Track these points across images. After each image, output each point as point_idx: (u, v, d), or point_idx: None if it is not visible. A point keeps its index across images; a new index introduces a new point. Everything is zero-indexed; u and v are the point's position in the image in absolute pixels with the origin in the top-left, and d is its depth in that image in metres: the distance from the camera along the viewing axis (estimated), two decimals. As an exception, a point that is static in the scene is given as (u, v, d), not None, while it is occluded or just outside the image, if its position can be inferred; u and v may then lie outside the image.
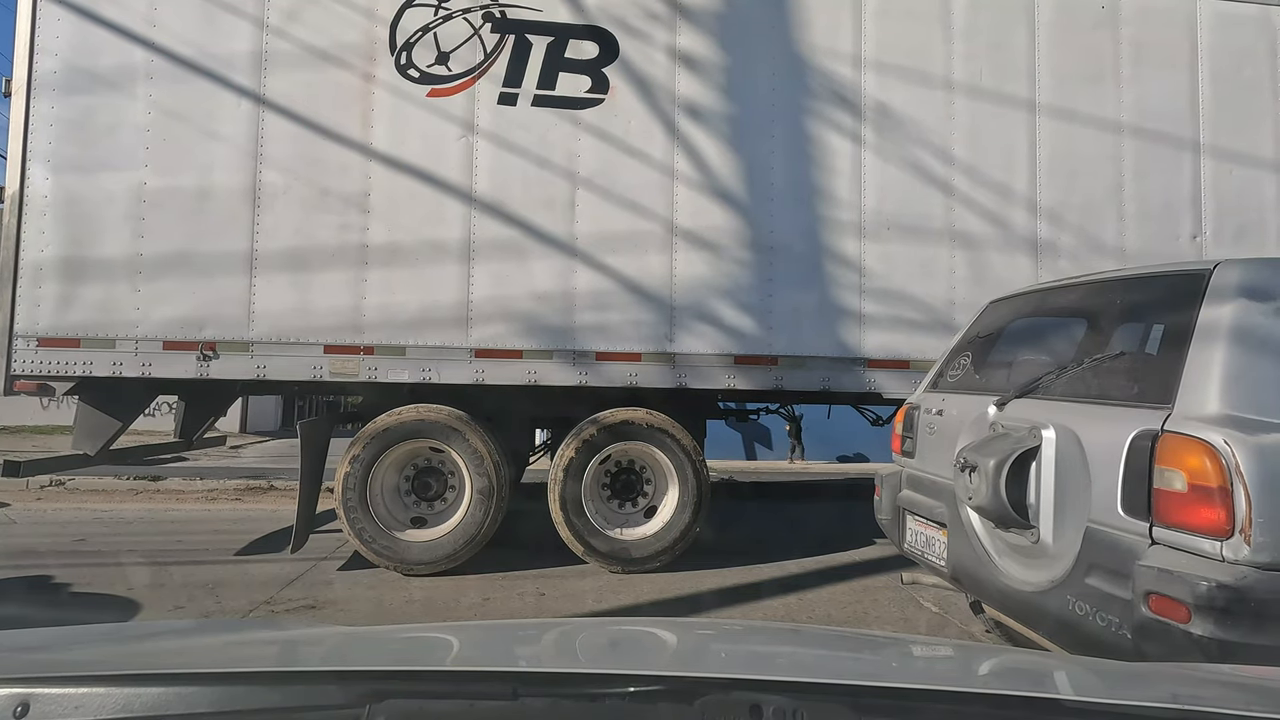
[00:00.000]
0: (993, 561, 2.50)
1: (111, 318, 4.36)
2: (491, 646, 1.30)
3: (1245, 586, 1.69)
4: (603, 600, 4.14)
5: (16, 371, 4.31)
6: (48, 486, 7.86)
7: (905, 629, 3.80)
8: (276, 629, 1.70)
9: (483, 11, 4.72)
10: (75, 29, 4.38)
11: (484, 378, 4.63)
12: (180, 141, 4.44)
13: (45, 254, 4.31)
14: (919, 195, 5.05)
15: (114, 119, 4.38)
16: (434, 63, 4.68)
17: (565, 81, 4.79)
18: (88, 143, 4.36)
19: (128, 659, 1.06)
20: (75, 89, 4.35)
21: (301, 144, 4.54)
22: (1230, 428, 1.81)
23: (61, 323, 4.32)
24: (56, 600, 3.98)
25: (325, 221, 4.55)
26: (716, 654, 1.33)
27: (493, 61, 4.73)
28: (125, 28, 4.44)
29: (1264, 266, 2.17)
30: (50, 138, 4.32)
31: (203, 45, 4.49)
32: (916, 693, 0.93)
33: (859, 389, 4.96)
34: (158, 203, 4.40)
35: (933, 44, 5.11)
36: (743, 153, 4.92)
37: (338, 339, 4.52)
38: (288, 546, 4.44)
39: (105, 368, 4.34)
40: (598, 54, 4.82)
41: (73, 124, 4.35)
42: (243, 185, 4.47)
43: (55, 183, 4.34)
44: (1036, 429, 2.33)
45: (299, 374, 4.54)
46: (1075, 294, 2.92)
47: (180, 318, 4.41)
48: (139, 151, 4.39)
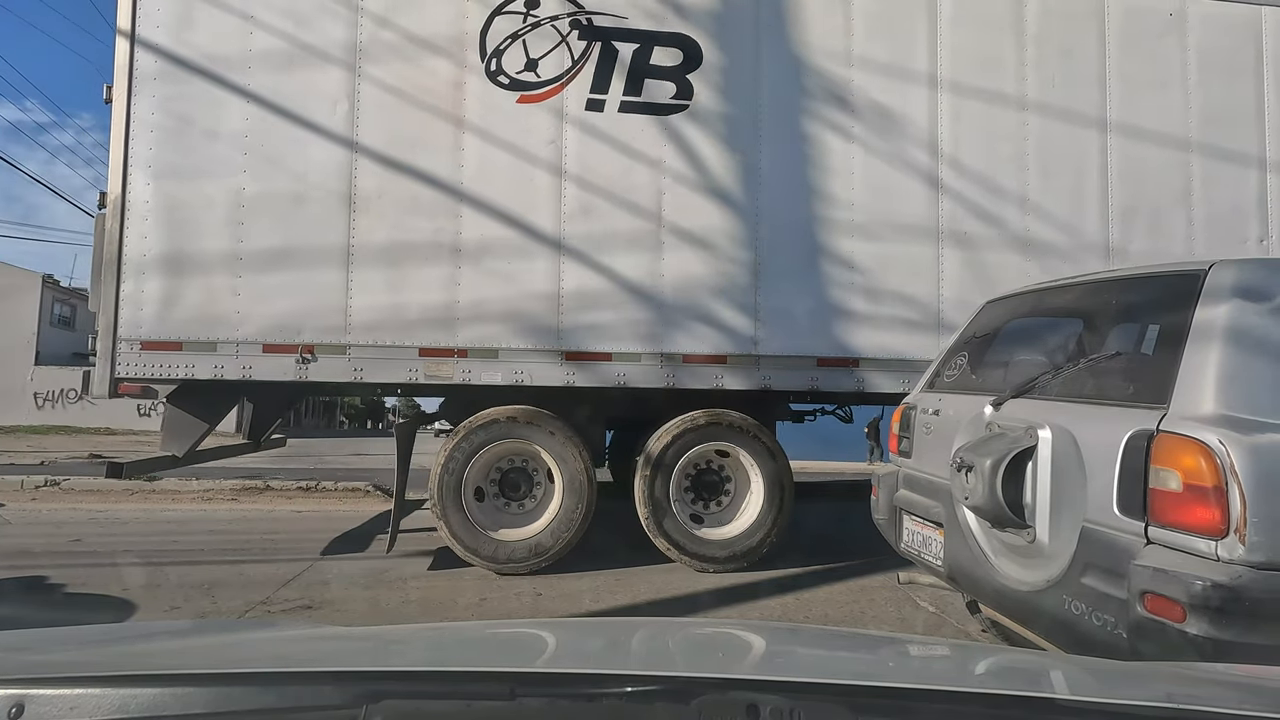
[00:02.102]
0: (989, 561, 2.51)
1: (212, 321, 4.43)
2: (488, 646, 1.30)
3: (1240, 586, 1.70)
4: (599, 600, 4.14)
5: (121, 375, 4.38)
6: (42, 487, 7.83)
7: (902, 628, 3.81)
8: (273, 629, 1.70)
9: (570, 19, 4.79)
10: (173, 37, 4.44)
11: (574, 380, 4.71)
12: (277, 147, 4.52)
13: (147, 259, 4.37)
14: (994, 199, 5.16)
15: (212, 125, 4.45)
16: (523, 69, 4.75)
17: (651, 88, 4.86)
18: (186, 148, 4.43)
19: (123, 660, 1.06)
20: (174, 95, 4.42)
21: (395, 149, 4.61)
22: (1225, 428, 1.81)
23: (164, 327, 4.39)
24: (51, 601, 3.97)
25: (419, 226, 4.62)
26: (713, 654, 1.33)
27: (580, 68, 4.80)
28: (222, 38, 4.49)
29: (1259, 267, 2.18)
30: (150, 143, 4.39)
31: (297, 53, 4.56)
32: (913, 692, 0.93)
33: None
34: (256, 207, 4.48)
35: (1005, 51, 5.22)
36: (823, 158, 5.02)
37: (432, 342, 4.60)
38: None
39: (207, 371, 4.42)
40: (682, 60, 4.89)
41: (171, 130, 4.41)
42: (338, 190, 4.55)
43: (156, 189, 4.40)
44: (1033, 429, 2.33)
45: (395, 376, 4.61)
46: (1071, 294, 2.93)
47: (279, 321, 4.47)
48: (237, 157, 4.46)
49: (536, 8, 4.75)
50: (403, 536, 5.83)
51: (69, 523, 6.17)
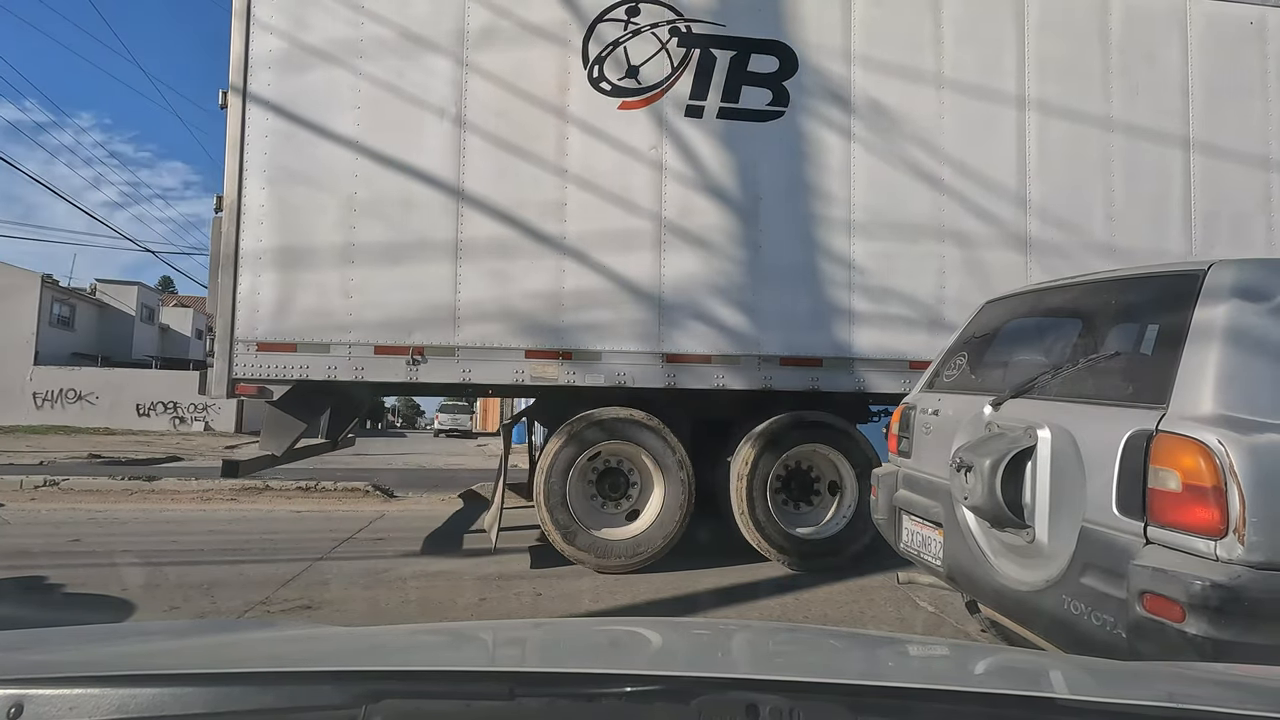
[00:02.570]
0: (988, 561, 2.51)
1: (326, 323, 4.52)
2: (488, 646, 1.30)
3: (1239, 586, 1.70)
4: (599, 600, 4.14)
5: (238, 375, 4.47)
6: (41, 487, 7.82)
7: (901, 628, 3.81)
8: (272, 629, 1.70)
9: (669, 26, 4.87)
10: (285, 47, 4.54)
11: (675, 382, 4.78)
12: (387, 154, 4.59)
13: (262, 262, 4.47)
14: (1081, 201, 5.24)
15: (323, 130, 4.55)
16: (624, 76, 4.84)
17: (748, 95, 4.94)
18: (299, 153, 4.52)
19: (122, 660, 1.06)
20: (287, 100, 4.52)
21: (500, 155, 4.69)
22: (1224, 428, 1.81)
23: (279, 328, 4.48)
24: (50, 601, 3.96)
25: (525, 230, 4.70)
26: (713, 654, 1.33)
27: (679, 75, 4.88)
28: (331, 51, 4.59)
29: (1258, 267, 2.18)
30: (264, 148, 4.48)
31: (406, 62, 4.64)
32: (913, 692, 0.93)
33: None
34: (367, 212, 4.57)
35: (1090, 58, 5.31)
36: (915, 164, 5.10)
37: (537, 344, 4.68)
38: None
39: (321, 372, 4.51)
40: (777, 68, 4.97)
41: (284, 134, 4.50)
42: (446, 197, 4.63)
43: (270, 193, 4.49)
44: (1032, 429, 2.33)
45: (502, 378, 4.69)
46: (1070, 294, 2.93)
47: (390, 323, 4.56)
48: (348, 163, 4.55)
49: (637, 15, 4.84)
50: (398, 537, 5.84)
51: (68, 523, 6.16)
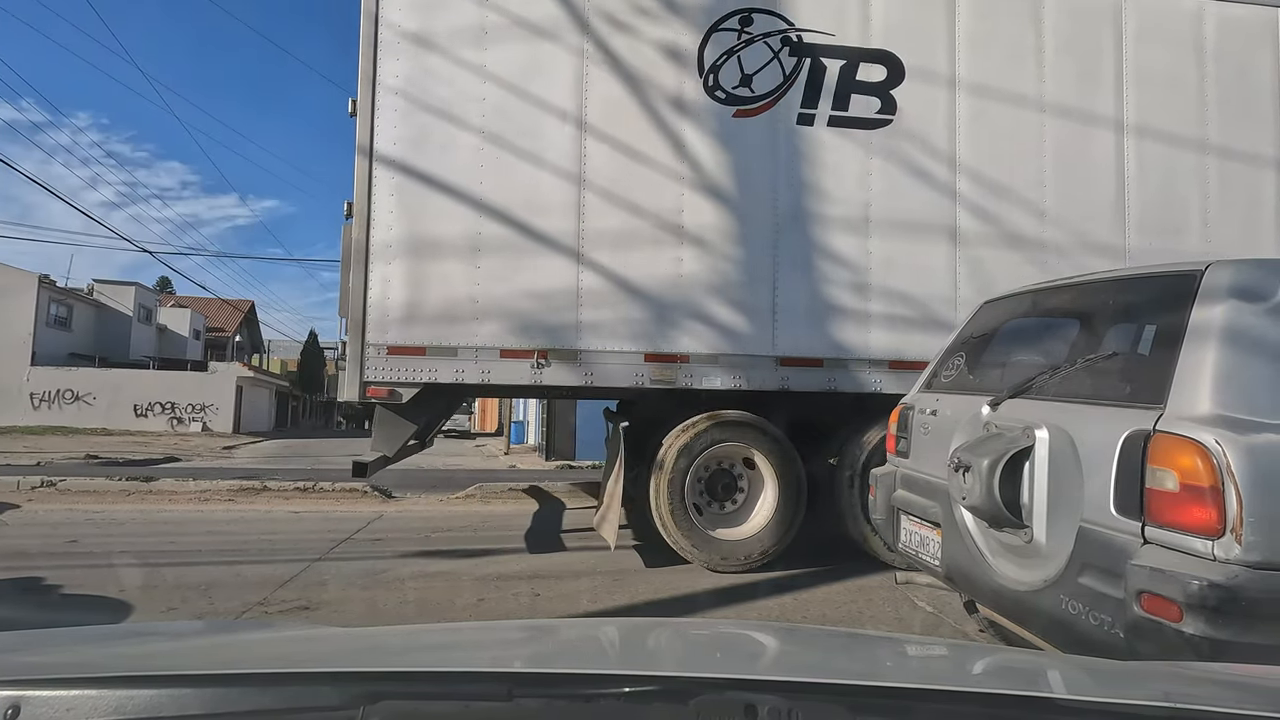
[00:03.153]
0: (986, 561, 2.51)
1: (453, 328, 4.63)
2: (486, 647, 1.30)
3: (1237, 585, 1.70)
4: (597, 600, 4.14)
5: (369, 379, 4.57)
6: (39, 488, 7.80)
7: (900, 628, 3.81)
8: (270, 630, 1.69)
9: (781, 36, 4.99)
10: (413, 57, 4.62)
11: (789, 384, 4.87)
12: (510, 165, 4.71)
13: (392, 267, 4.58)
14: (1176, 202, 5.36)
15: (448, 141, 4.65)
16: (738, 85, 4.95)
17: (857, 103, 5.06)
18: (427, 162, 4.64)
19: (120, 661, 1.05)
20: (414, 110, 4.63)
21: (620, 161, 4.80)
22: (1222, 428, 1.82)
23: (408, 332, 4.60)
24: (48, 602, 3.95)
25: (643, 237, 4.81)
26: (711, 654, 1.33)
27: (791, 84, 5.00)
28: (460, 62, 4.69)
29: (1255, 267, 2.18)
30: (392, 156, 4.58)
31: (529, 68, 4.76)
32: (911, 692, 0.93)
33: None
34: (493, 219, 4.68)
35: (1185, 68, 5.42)
36: (1012, 169, 5.21)
37: (656, 347, 4.79)
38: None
39: (449, 374, 4.64)
40: (885, 77, 5.10)
41: (412, 143, 4.62)
42: (566, 203, 4.75)
43: (399, 200, 4.62)
44: (1030, 429, 2.34)
45: (622, 380, 4.79)
46: (1068, 294, 2.94)
47: (515, 328, 4.67)
48: (474, 170, 4.66)
49: (750, 25, 4.96)
50: (397, 537, 5.83)
51: (66, 524, 6.15)
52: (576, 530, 6.39)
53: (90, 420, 24.15)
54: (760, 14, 4.97)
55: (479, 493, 8.38)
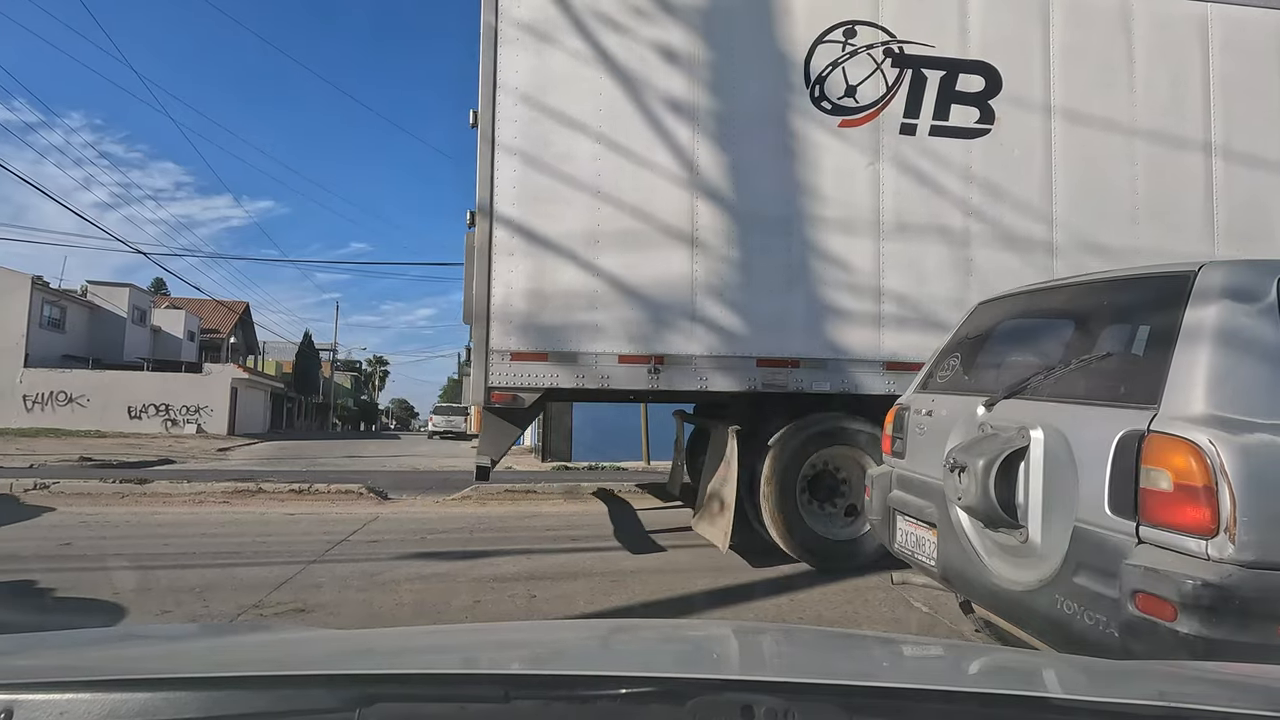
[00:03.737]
0: (982, 561, 2.52)
1: (573, 335, 4.75)
2: (482, 649, 1.30)
3: (1230, 585, 1.71)
4: (594, 602, 4.14)
5: (493, 384, 4.69)
6: (32, 490, 7.76)
7: (896, 629, 3.81)
8: (265, 632, 1.69)
9: (883, 47, 5.13)
10: (533, 68, 4.79)
11: (893, 388, 4.92)
12: (626, 174, 4.87)
13: (514, 274, 4.73)
14: (1260, 211, 5.49)
15: (566, 151, 4.81)
16: (843, 95, 5.09)
17: (956, 113, 5.20)
18: (545, 173, 4.79)
19: (114, 664, 1.05)
20: (533, 120, 4.78)
21: (727, 172, 4.93)
22: (1215, 428, 1.82)
23: (530, 339, 4.75)
24: (41, 605, 3.93)
25: (750, 244, 4.93)
26: (708, 655, 1.33)
27: (893, 94, 5.14)
28: (574, 71, 4.86)
29: (1248, 268, 2.19)
30: (513, 166, 4.75)
31: (642, 81, 4.91)
32: (907, 692, 0.93)
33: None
34: (609, 231, 4.83)
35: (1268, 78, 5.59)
36: (1105, 180, 5.34)
37: (768, 352, 4.89)
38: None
39: (570, 380, 4.79)
40: (984, 87, 5.24)
41: (531, 156, 4.77)
42: (680, 209, 4.89)
43: (520, 209, 4.75)
44: (1025, 429, 2.34)
45: (735, 385, 4.89)
46: (1063, 295, 2.95)
47: (632, 334, 4.79)
48: (590, 184, 4.83)
49: (854, 37, 5.09)
50: (393, 539, 5.82)
51: (59, 526, 6.12)
52: (553, 530, 6.38)
53: (84, 422, 24.04)
54: (863, 26, 5.13)
55: (475, 494, 8.37)
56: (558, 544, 5.72)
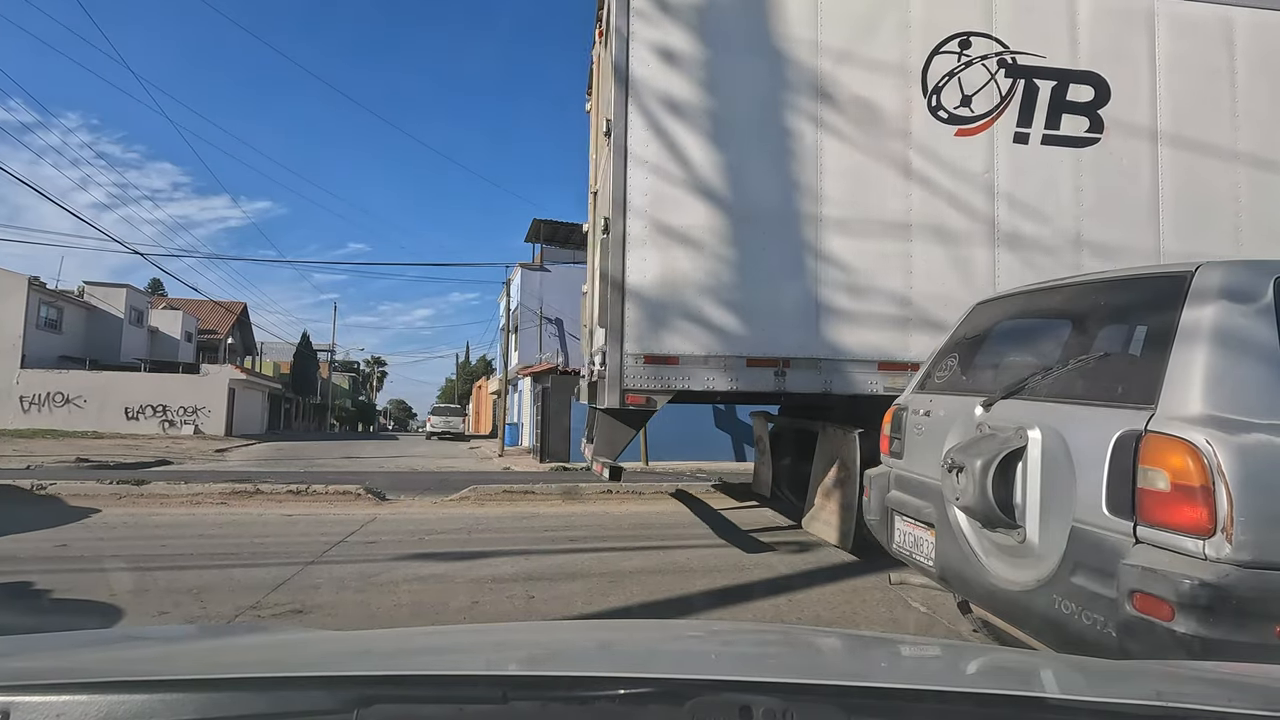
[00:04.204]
0: (980, 561, 2.52)
1: (703, 339, 4.92)
2: (480, 650, 1.30)
3: (1227, 584, 1.71)
4: (592, 602, 4.13)
5: (627, 386, 4.85)
6: (29, 492, 7.73)
7: (894, 629, 3.81)
8: (263, 634, 1.68)
9: (997, 58, 5.32)
10: (662, 88, 5.01)
11: None
12: (743, 176, 5.03)
13: (647, 279, 4.94)
14: None
15: (692, 158, 4.97)
16: (959, 105, 5.29)
17: (1067, 122, 5.37)
18: (675, 183, 4.98)
19: (110, 665, 1.05)
20: (662, 129, 4.98)
21: (850, 179, 5.12)
22: (1212, 428, 1.83)
23: (663, 343, 4.93)
24: (37, 607, 3.92)
25: (869, 250, 5.09)
26: (706, 655, 1.33)
27: (1007, 104, 5.33)
28: (703, 84, 5.06)
29: (1244, 269, 2.20)
30: (645, 174, 4.98)
31: (767, 95, 5.12)
32: (905, 692, 0.94)
33: None
34: (739, 236, 5.00)
35: None
36: (1210, 190, 5.48)
37: (888, 356, 5.05)
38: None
39: (700, 382, 4.98)
40: (1093, 97, 5.41)
41: (659, 166, 4.98)
42: (806, 216, 5.09)
43: (650, 220, 4.91)
44: (1022, 429, 2.35)
45: (856, 388, 5.04)
46: (1060, 296, 2.95)
47: (759, 338, 4.94)
48: (722, 189, 5.00)
49: (969, 48, 5.28)
50: (390, 540, 5.81)
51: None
52: (561, 532, 6.39)
53: (81, 423, 23.98)
54: (978, 37, 5.31)
55: (473, 495, 8.36)
56: (556, 545, 5.71)
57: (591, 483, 9.50)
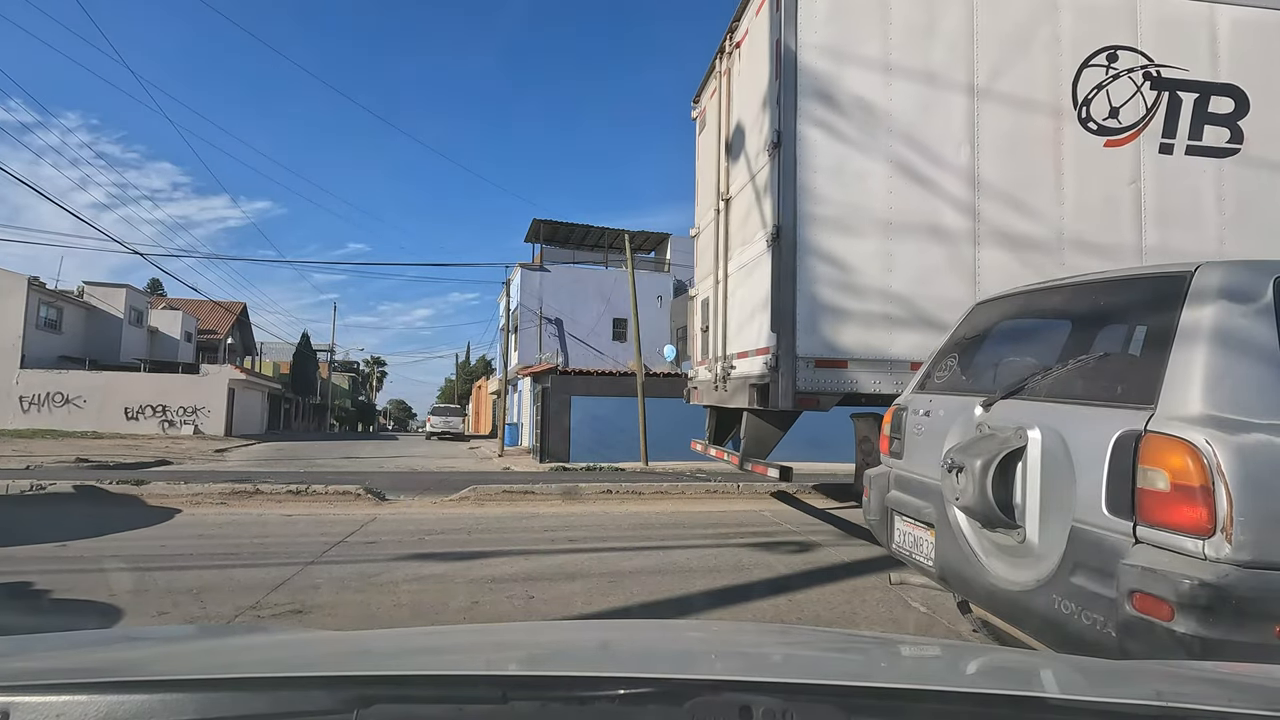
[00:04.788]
0: (980, 561, 2.52)
1: (870, 343, 5.23)
2: (480, 650, 1.30)
3: (1227, 584, 1.71)
4: (592, 603, 4.13)
5: (800, 389, 5.16)
6: (28, 492, 7.73)
7: (893, 629, 3.81)
8: (263, 634, 1.68)
9: (1142, 71, 5.52)
10: (828, 104, 5.21)
11: None
12: (911, 195, 5.30)
13: (817, 285, 5.17)
14: None
15: (861, 172, 5.26)
16: (1107, 116, 5.48)
17: (1209, 133, 5.56)
18: (842, 193, 5.23)
19: (110, 666, 1.05)
20: (830, 145, 5.24)
21: (1004, 191, 5.32)
22: (1212, 428, 1.83)
23: (833, 347, 5.19)
24: (37, 607, 3.92)
25: (1024, 260, 5.26)
26: (706, 655, 1.33)
27: (1152, 115, 5.52)
28: (866, 100, 5.34)
29: (1244, 269, 2.20)
30: (814, 184, 5.20)
31: (926, 108, 5.36)
32: (905, 692, 0.94)
33: None
34: (900, 247, 5.26)
35: None
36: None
37: None
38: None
39: (869, 385, 5.20)
40: (1233, 109, 5.60)
41: (833, 171, 5.23)
42: (961, 229, 5.30)
43: (817, 228, 5.14)
44: (1022, 429, 2.35)
45: None
46: (1060, 296, 2.95)
47: (921, 345, 5.07)
48: (884, 200, 5.27)
49: (1116, 61, 5.49)
50: (390, 540, 5.81)
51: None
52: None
53: (80, 423, 23.98)
54: (1124, 51, 5.50)
55: (473, 495, 8.36)
56: (556, 545, 5.72)
57: (591, 483, 9.50)
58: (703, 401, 7.43)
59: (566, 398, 16.42)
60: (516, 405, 26.13)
